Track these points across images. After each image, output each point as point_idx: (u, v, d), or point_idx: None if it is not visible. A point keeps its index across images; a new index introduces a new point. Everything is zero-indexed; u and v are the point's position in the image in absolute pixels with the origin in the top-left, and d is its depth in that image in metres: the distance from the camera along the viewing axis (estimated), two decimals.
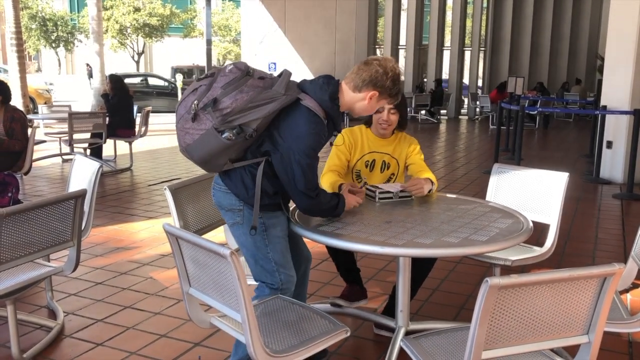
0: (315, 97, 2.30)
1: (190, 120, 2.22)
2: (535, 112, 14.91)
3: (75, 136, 7.81)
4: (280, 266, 2.42)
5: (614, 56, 7.87)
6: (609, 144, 7.92)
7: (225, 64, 2.34)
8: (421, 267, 3.04)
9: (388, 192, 2.86)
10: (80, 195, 2.68)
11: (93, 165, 3.32)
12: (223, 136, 2.19)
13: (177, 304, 3.53)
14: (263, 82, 2.27)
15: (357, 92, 2.37)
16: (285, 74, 2.34)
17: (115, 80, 8.34)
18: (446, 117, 18.47)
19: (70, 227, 2.75)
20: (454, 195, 3.09)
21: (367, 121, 3.18)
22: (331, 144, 3.08)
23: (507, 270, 3.19)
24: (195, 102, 2.22)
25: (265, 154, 2.33)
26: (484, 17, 19.51)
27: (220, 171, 2.38)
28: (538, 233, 3.13)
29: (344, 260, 3.17)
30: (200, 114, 2.20)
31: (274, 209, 2.41)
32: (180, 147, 2.34)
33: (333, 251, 3.07)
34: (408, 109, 16.08)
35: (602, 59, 8.35)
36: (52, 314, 3.37)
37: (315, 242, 2.45)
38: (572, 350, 1.92)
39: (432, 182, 2.93)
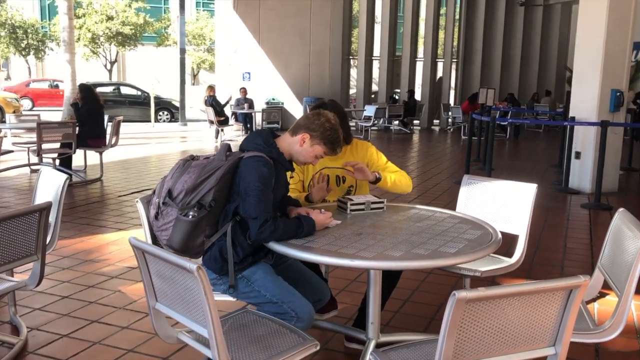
0: (252, 148, 2.51)
1: (155, 218, 2.44)
2: (506, 123, 15.14)
3: (44, 146, 7.66)
4: (282, 296, 2.43)
5: (581, 68, 8.04)
6: (578, 155, 8.06)
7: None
8: (390, 278, 3.05)
9: (360, 203, 2.87)
10: (45, 208, 2.62)
11: (60, 177, 3.25)
12: (189, 217, 2.36)
13: (145, 317, 3.46)
14: (207, 160, 2.48)
15: (294, 135, 2.58)
16: (223, 145, 2.55)
17: (85, 90, 8.21)
18: (419, 128, 18.65)
19: (35, 241, 2.68)
20: (424, 206, 3.09)
21: None
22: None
23: (478, 281, 3.22)
24: (156, 200, 2.45)
25: (232, 215, 2.46)
26: (456, 29, 19.79)
27: (202, 252, 2.50)
28: (508, 243, 3.16)
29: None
30: (163, 209, 2.41)
31: (245, 267, 2.50)
32: (162, 245, 2.49)
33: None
34: (378, 121, 16.27)
35: (571, 71, 8.51)
36: (15, 330, 3.27)
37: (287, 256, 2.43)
38: None
39: (376, 174, 3.02)
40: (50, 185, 3.32)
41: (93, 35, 29.63)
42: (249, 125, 14.87)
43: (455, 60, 19.90)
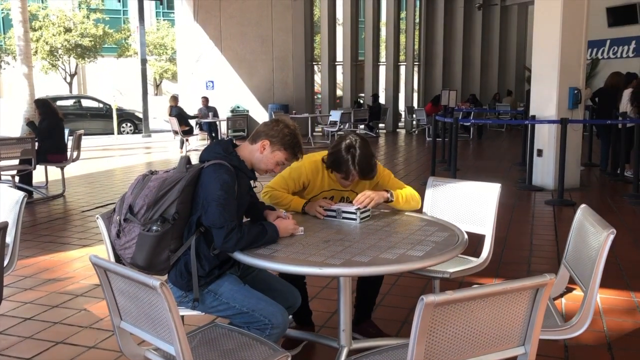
0: (212, 157, 2.46)
1: (117, 236, 2.39)
2: (469, 123, 15.36)
3: (2, 163, 7.44)
4: (252, 305, 2.38)
5: (539, 68, 8.20)
6: (540, 152, 8.21)
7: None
8: (370, 284, 3.06)
9: (332, 210, 2.85)
10: (1, 229, 2.53)
11: (16, 194, 3.15)
12: (152, 232, 2.32)
13: (112, 336, 3.36)
14: (166, 173, 2.44)
15: (254, 143, 2.57)
16: (182, 158, 2.52)
17: (42, 104, 8.03)
18: (384, 131, 18.79)
19: None
20: (390, 210, 3.09)
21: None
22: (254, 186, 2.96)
23: (447, 282, 3.23)
24: (117, 217, 2.41)
25: (196, 226, 2.42)
26: (416, 33, 20.02)
27: (168, 268, 2.43)
28: (475, 243, 3.18)
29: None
30: (125, 227, 2.36)
31: (211, 280, 2.46)
32: (126, 264, 2.42)
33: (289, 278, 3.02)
34: (344, 125, 16.29)
35: (530, 70, 8.68)
36: None
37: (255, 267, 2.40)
38: None
39: (388, 192, 2.91)
40: (7, 204, 3.21)
41: (51, 48, 29.01)
42: (213, 134, 14.74)
43: (417, 63, 20.12)
